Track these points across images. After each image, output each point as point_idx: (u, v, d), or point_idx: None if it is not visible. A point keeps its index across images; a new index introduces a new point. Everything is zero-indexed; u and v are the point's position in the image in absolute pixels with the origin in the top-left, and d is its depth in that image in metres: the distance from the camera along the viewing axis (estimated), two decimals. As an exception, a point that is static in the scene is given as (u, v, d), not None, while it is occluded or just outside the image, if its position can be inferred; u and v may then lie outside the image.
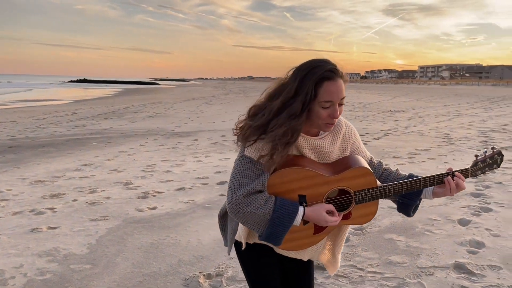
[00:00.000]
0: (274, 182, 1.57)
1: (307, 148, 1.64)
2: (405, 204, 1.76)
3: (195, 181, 6.25)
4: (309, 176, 1.59)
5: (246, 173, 1.55)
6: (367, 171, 1.66)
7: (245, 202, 1.51)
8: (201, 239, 3.95)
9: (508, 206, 4.92)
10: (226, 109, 21.11)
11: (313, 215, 1.56)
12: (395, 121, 15.08)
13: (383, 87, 65.62)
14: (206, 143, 10.21)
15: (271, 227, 1.54)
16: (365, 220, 1.72)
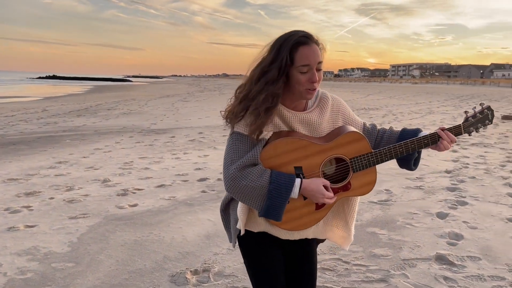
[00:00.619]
0: (268, 155, 1.57)
1: (297, 122, 1.64)
2: (404, 159, 1.77)
3: (175, 178, 6.18)
4: (302, 146, 1.58)
5: (238, 148, 1.56)
6: (359, 135, 1.67)
7: (240, 176, 1.51)
8: (185, 236, 3.91)
9: (482, 199, 5.09)
10: (202, 106, 20.98)
11: (310, 187, 1.55)
12: (369, 118, 15.32)
13: (356, 85, 66.67)
14: (183, 140, 10.12)
15: (269, 200, 1.52)
16: (367, 190, 1.70)
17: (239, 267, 3.27)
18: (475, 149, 8.78)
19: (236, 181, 1.51)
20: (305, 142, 1.60)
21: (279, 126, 1.63)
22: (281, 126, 1.63)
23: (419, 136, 1.71)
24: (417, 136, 1.73)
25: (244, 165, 1.53)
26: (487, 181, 6.01)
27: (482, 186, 5.75)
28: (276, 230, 1.69)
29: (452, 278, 3.06)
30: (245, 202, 1.57)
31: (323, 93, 1.75)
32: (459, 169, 6.78)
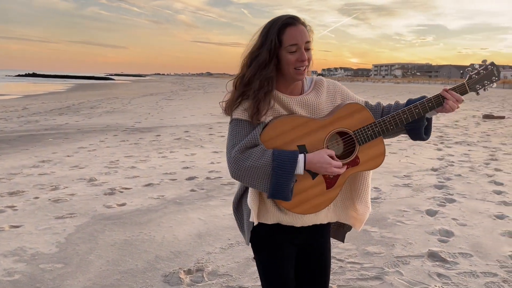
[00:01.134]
0: (268, 136, 1.54)
1: (295, 105, 1.63)
2: (414, 129, 1.71)
3: (162, 177, 6.10)
4: (301, 123, 1.56)
5: (238, 133, 1.57)
6: (359, 106, 1.63)
7: (242, 158, 1.50)
8: (176, 235, 3.85)
9: (469, 197, 5.16)
10: (187, 105, 20.83)
11: (315, 160, 1.52)
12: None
13: (339, 85, 67.09)
14: (169, 139, 10.02)
15: (274, 178, 1.49)
16: (377, 163, 1.64)
17: (233, 266, 3.23)
18: (459, 147, 8.92)
19: (239, 163, 1.50)
20: (305, 119, 1.57)
21: (278, 111, 1.62)
22: (280, 111, 1.63)
23: (422, 100, 1.66)
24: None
25: (245, 147, 1.52)
26: (473, 179, 6.09)
27: (469, 183, 5.82)
28: (289, 218, 1.65)
29: (445, 275, 3.08)
30: (251, 185, 1.55)
31: (318, 78, 1.76)
32: (445, 167, 6.87)
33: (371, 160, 1.62)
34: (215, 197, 5.09)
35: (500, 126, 12.75)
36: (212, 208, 4.65)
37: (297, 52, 1.56)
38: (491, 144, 9.47)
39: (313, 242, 1.79)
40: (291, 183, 1.50)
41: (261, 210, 1.66)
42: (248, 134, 1.57)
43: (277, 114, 1.61)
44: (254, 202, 1.62)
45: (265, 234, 1.70)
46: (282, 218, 1.66)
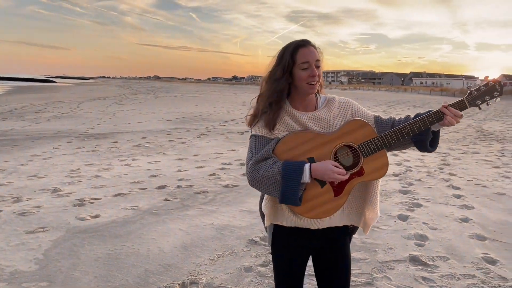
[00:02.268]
0: (280, 150, 1.75)
1: (308, 120, 1.80)
2: (420, 141, 1.81)
3: (131, 186, 5.93)
4: (311, 138, 1.74)
5: (255, 147, 1.79)
6: (362, 122, 1.77)
7: (256, 169, 1.72)
8: (161, 247, 3.77)
9: (433, 201, 5.46)
10: (140, 110, 20.31)
11: (320, 169, 1.68)
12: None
13: (288, 91, 68.19)
14: (128, 146, 9.74)
15: (283, 185, 1.67)
16: (380, 174, 1.76)
17: (226, 278, 3.21)
18: (412, 152, 9.39)
19: (253, 173, 1.72)
20: (314, 134, 1.75)
21: (292, 126, 1.79)
22: (294, 126, 1.80)
23: (423, 116, 1.76)
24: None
25: (259, 160, 1.73)
26: (432, 183, 6.45)
27: (430, 188, 6.16)
28: (304, 222, 1.82)
29: (430, 278, 3.26)
30: (265, 192, 1.75)
31: (331, 96, 1.93)
32: (404, 172, 7.22)
33: (374, 171, 1.76)
34: (191, 206, 5.03)
35: (445, 132, 13.55)
36: (191, 218, 4.59)
37: (308, 69, 1.75)
38: (440, 149, 10.05)
39: (329, 246, 1.92)
40: (299, 190, 1.68)
41: (278, 214, 1.86)
42: (263, 148, 1.76)
43: (291, 129, 1.80)
44: (266, 207, 1.82)
45: (283, 236, 1.90)
46: (298, 222, 1.84)
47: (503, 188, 6.31)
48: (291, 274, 1.93)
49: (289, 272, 1.93)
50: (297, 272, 1.94)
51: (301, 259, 1.94)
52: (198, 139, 10.91)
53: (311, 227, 1.84)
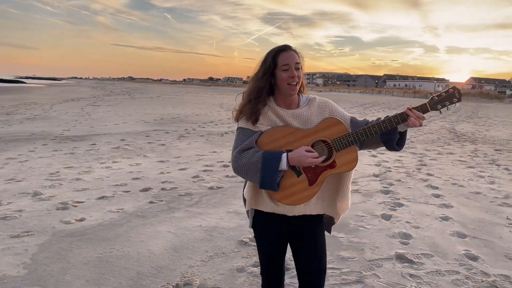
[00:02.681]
0: (263, 141, 1.93)
1: (289, 117, 1.99)
2: (388, 140, 1.97)
3: (114, 189, 5.87)
4: (290, 132, 1.93)
5: (240, 139, 1.98)
6: (336, 120, 1.97)
7: (239, 157, 1.91)
8: (151, 249, 3.76)
9: (414, 200, 5.62)
10: (116, 111, 20.02)
11: (295, 156, 1.86)
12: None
13: (265, 92, 68.32)
14: (106, 148, 9.60)
15: (263, 170, 1.85)
16: (351, 167, 1.95)
17: (219, 279, 3.24)
18: (390, 154, 9.61)
19: (237, 161, 1.92)
20: (293, 129, 1.94)
21: (274, 121, 1.99)
22: (276, 121, 1.99)
23: (390, 117, 1.92)
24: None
25: (243, 149, 1.92)
26: (412, 184, 6.63)
27: (409, 188, 6.33)
28: (281, 208, 2.01)
29: (416, 275, 3.37)
30: (247, 178, 1.93)
31: (312, 96, 2.13)
32: (384, 173, 7.39)
33: (345, 164, 1.95)
34: (177, 208, 5.02)
35: (420, 134, 13.91)
36: (179, 220, 4.59)
37: (288, 70, 1.95)
38: (417, 150, 10.32)
39: (304, 232, 2.08)
40: (277, 177, 1.86)
41: (259, 200, 2.05)
42: (247, 140, 1.97)
43: (274, 124, 1.99)
44: (248, 193, 2.04)
45: (262, 221, 2.10)
46: (275, 208, 2.03)
47: (478, 187, 6.55)
48: (271, 255, 2.15)
49: (269, 253, 2.15)
50: (276, 252, 2.15)
51: (280, 243, 2.13)
52: (178, 141, 10.85)
53: (287, 213, 2.02)
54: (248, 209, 2.13)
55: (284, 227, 2.08)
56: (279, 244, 2.14)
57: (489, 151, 10.50)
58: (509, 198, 5.94)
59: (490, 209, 5.36)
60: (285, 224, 2.07)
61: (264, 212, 2.06)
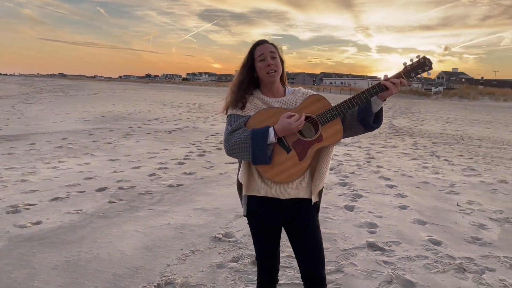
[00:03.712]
0: (252, 124, 2.00)
1: (275, 103, 2.10)
2: (364, 119, 2.01)
3: (67, 190, 5.53)
4: (276, 112, 2.00)
5: (230, 123, 2.07)
6: (319, 96, 2.05)
7: (230, 137, 1.99)
8: (122, 250, 3.58)
9: (371, 191, 5.84)
10: (52, 109, 18.89)
11: (280, 126, 1.93)
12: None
13: (208, 89, 67.94)
14: (48, 147, 9.04)
15: (253, 146, 1.92)
16: (337, 139, 2.00)
17: (201, 276, 3.16)
18: (339, 148, 9.93)
19: (228, 141, 1.99)
20: (279, 109, 2.01)
21: (261, 107, 2.08)
22: (263, 107, 2.07)
23: (368, 88, 1.99)
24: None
25: (232, 130, 2.01)
26: (365, 176, 6.90)
27: (364, 180, 6.58)
28: (274, 191, 2.04)
29: (390, 262, 3.50)
30: (239, 156, 1.98)
31: (297, 88, 2.24)
32: (337, 166, 7.62)
33: (332, 136, 2.00)
34: (140, 207, 4.83)
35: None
36: (145, 219, 4.42)
37: (264, 60, 2.08)
38: (362, 144, 10.75)
39: (297, 215, 2.11)
40: (267, 150, 1.93)
41: (252, 185, 2.10)
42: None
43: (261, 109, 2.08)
44: (243, 175, 2.09)
45: (256, 206, 2.12)
46: (268, 191, 2.06)
47: (425, 177, 6.94)
48: (266, 240, 2.18)
49: (264, 238, 2.18)
50: (271, 238, 2.18)
51: (273, 228, 2.16)
52: (124, 139, 10.46)
53: (280, 196, 2.06)
54: (244, 194, 2.14)
55: (277, 211, 2.10)
56: (274, 229, 2.17)
57: (428, 144, 11.18)
58: (454, 186, 6.36)
59: (440, 197, 5.70)
60: (278, 208, 2.09)
61: (258, 197, 2.10)
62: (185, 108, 22.24)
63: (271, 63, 2.07)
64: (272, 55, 2.09)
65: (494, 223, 4.67)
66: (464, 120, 19.62)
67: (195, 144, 9.99)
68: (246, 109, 2.09)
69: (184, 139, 10.69)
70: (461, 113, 24.72)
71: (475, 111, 27.34)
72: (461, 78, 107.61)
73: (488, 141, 12.34)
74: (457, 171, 7.57)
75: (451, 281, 3.22)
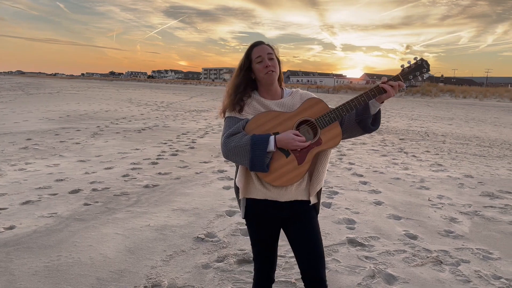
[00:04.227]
0: (251, 127, 1.99)
1: (274, 106, 2.09)
2: (362, 120, 2.03)
3: (39, 192, 5.35)
4: (275, 116, 2.01)
5: (228, 126, 2.06)
6: (317, 99, 2.05)
7: (228, 141, 1.97)
8: (104, 253, 3.51)
9: (346, 188, 5.97)
10: (12, 109, 18.15)
11: (283, 138, 1.94)
12: (205, 120, 15.84)
13: (174, 87, 67.07)
14: (12, 149, 8.71)
15: (252, 152, 1.91)
16: (336, 142, 2.01)
17: (188, 277, 3.15)
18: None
19: (226, 145, 1.97)
20: (277, 113, 2.02)
21: (259, 110, 2.07)
22: (261, 110, 2.07)
23: (366, 91, 1.99)
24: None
25: (231, 134, 1.99)
26: (339, 172, 7.03)
27: (338, 177, 6.71)
28: (273, 194, 2.05)
29: (371, 257, 3.60)
30: (237, 161, 1.98)
31: (295, 89, 2.22)
32: (311, 164, 7.72)
33: (331, 140, 2.01)
34: (117, 209, 4.74)
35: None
36: (123, 221, 4.34)
37: (262, 61, 2.06)
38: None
39: (296, 216, 2.11)
40: (266, 158, 1.93)
41: (250, 188, 2.10)
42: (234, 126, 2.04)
43: (259, 112, 2.07)
44: (240, 180, 2.08)
45: (254, 209, 2.12)
46: (267, 194, 2.06)
47: (396, 173, 7.16)
48: (264, 243, 2.18)
49: (262, 241, 2.18)
50: (268, 240, 2.18)
51: (272, 229, 2.17)
52: (93, 139, 10.21)
53: (279, 199, 2.06)
54: (240, 198, 2.14)
55: (276, 213, 2.10)
56: (272, 231, 2.18)
57: (395, 141, 11.51)
58: (424, 181, 6.59)
59: (412, 192, 5.90)
60: (277, 209, 2.09)
61: (256, 200, 2.10)
62: (153, 106, 21.90)
63: (269, 64, 2.06)
64: (270, 56, 2.09)
65: (464, 216, 4.88)
66: (428, 117, 20.32)
67: (166, 143, 9.87)
68: (244, 112, 2.07)
69: (155, 138, 10.54)
70: (424, 110, 25.58)
71: (437, 108, 28.35)
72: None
73: (451, 137, 12.84)
74: (425, 167, 7.84)
75: (430, 274, 3.35)
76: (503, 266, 3.54)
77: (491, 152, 10.03)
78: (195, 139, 10.67)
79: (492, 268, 3.50)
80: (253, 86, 2.14)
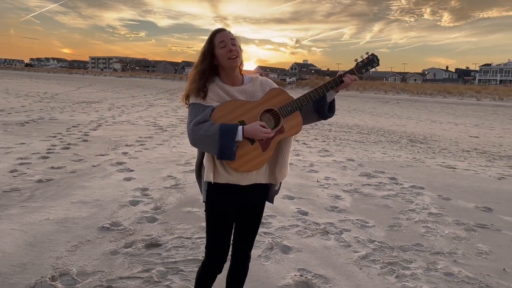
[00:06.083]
0: (217, 116, 2.07)
1: (236, 92, 2.16)
2: (319, 109, 2.22)
3: None
4: (240, 105, 2.10)
5: (193, 113, 2.09)
6: (280, 90, 2.19)
7: (196, 129, 2.02)
8: (1, 249, 3.36)
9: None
10: None
11: (251, 129, 2.03)
12: (96, 111, 15.16)
13: (58, 77, 61.88)
14: None
15: (220, 142, 1.99)
16: (297, 130, 2.17)
17: (97, 263, 3.19)
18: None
19: (194, 133, 2.02)
20: (242, 102, 2.12)
21: (222, 96, 2.14)
22: (224, 97, 2.14)
23: (325, 83, 2.18)
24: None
25: (199, 122, 2.03)
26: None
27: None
28: (235, 178, 2.15)
29: (269, 232, 3.98)
30: (205, 149, 2.05)
31: (255, 76, 2.32)
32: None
33: (293, 128, 2.17)
34: (9, 205, 4.49)
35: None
36: (19, 216, 4.15)
37: (225, 46, 2.12)
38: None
39: (254, 201, 2.28)
40: (233, 147, 2.01)
41: (214, 173, 2.14)
42: (200, 113, 2.08)
43: (222, 99, 2.14)
44: (208, 162, 2.11)
45: (216, 192, 2.18)
46: (229, 179, 2.15)
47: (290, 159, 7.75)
48: (221, 227, 2.23)
49: (219, 226, 2.22)
50: (225, 225, 2.24)
51: (230, 215, 2.23)
52: (-33, 134, 9.24)
53: (241, 183, 2.16)
54: (204, 182, 2.19)
55: (237, 197, 2.19)
56: (230, 216, 2.24)
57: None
58: (313, 165, 7.28)
59: (303, 175, 6.50)
60: (238, 194, 2.18)
61: (219, 184, 2.16)
62: (35, 97, 20.19)
63: (233, 49, 2.11)
64: (233, 42, 2.14)
65: (346, 194, 5.57)
66: (315, 108, 21.84)
67: (56, 136, 9.32)
68: (208, 99, 2.11)
69: (42, 132, 9.87)
70: (312, 102, 27.36)
71: (323, 99, 30.52)
72: (311, 69, 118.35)
73: (336, 126, 14.12)
74: (314, 153, 8.61)
75: (319, 242, 3.85)
76: (376, 232, 4.20)
77: (369, 139, 11.31)
78: (87, 131, 10.22)
79: (367, 234, 4.13)
80: (215, 72, 2.19)
